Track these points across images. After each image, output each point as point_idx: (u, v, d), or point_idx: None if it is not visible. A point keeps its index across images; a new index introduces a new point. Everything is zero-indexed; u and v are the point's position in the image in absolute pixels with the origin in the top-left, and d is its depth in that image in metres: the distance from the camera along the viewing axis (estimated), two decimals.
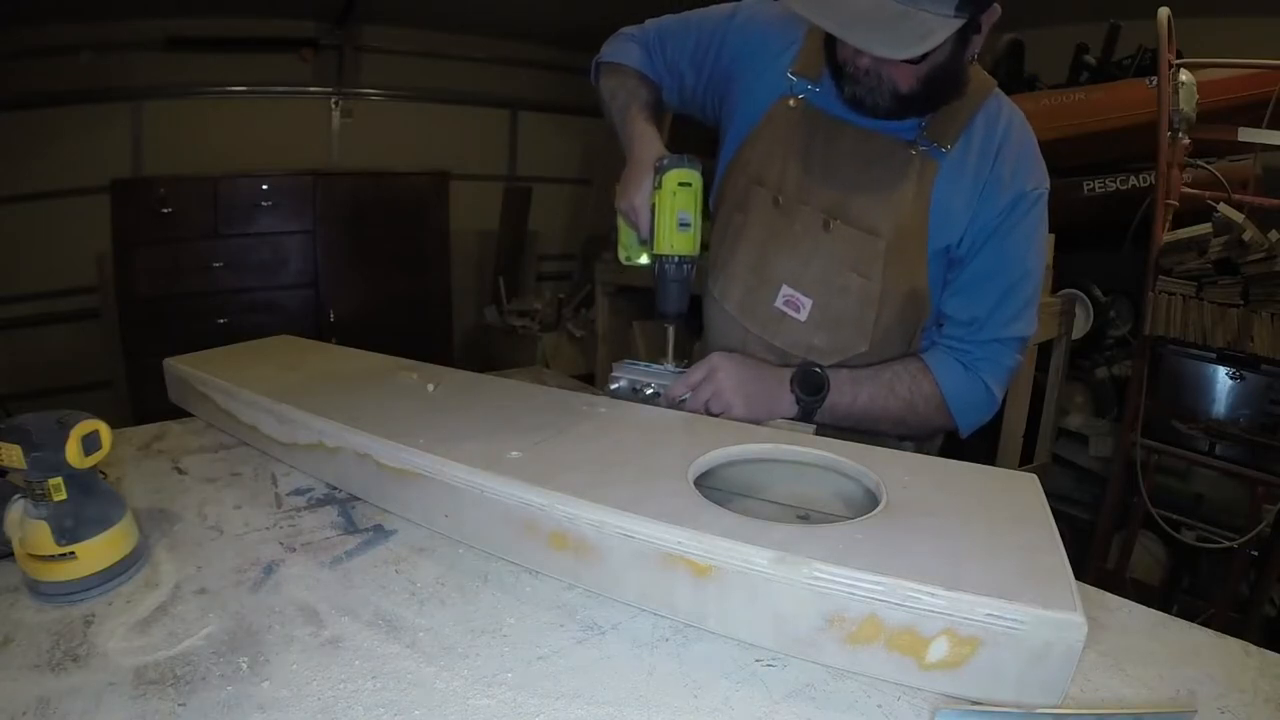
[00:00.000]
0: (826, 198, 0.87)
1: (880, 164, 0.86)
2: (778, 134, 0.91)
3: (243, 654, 0.50)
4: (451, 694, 0.46)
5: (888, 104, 0.81)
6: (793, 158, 0.89)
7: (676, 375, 0.87)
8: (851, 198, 0.86)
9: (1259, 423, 1.64)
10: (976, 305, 0.87)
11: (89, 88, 3.14)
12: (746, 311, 0.93)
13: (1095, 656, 0.51)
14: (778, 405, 0.85)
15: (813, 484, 0.68)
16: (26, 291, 3.17)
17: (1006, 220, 0.84)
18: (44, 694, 0.45)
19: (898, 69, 0.78)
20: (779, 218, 0.90)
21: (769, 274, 0.91)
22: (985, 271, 0.86)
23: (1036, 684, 0.43)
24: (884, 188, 0.85)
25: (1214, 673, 0.50)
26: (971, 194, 0.84)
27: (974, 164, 0.85)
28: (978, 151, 0.85)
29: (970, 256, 0.86)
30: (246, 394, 0.85)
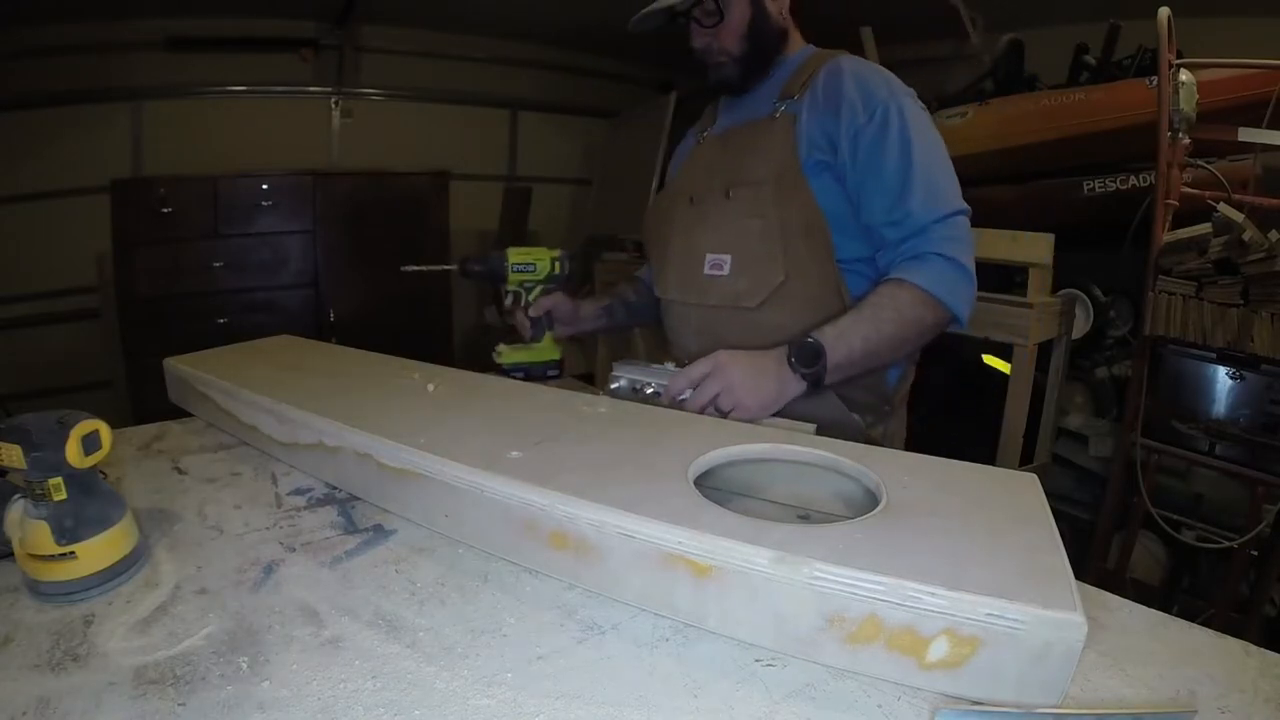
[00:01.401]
0: (721, 180, 1.05)
1: (753, 138, 1.04)
2: (687, 164, 1.16)
3: (243, 654, 0.50)
4: (451, 694, 0.46)
5: (735, 71, 1.05)
6: (697, 171, 1.12)
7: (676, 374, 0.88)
8: (740, 170, 1.03)
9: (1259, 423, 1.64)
10: (886, 203, 0.95)
11: (89, 88, 3.14)
12: (684, 289, 1.08)
13: (1095, 656, 0.51)
14: (786, 387, 0.87)
15: (813, 484, 0.68)
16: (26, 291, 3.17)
17: (871, 126, 0.95)
18: (44, 694, 0.45)
19: (722, 35, 1.02)
20: (693, 211, 1.08)
21: (694, 252, 1.07)
22: (875, 171, 0.95)
23: (1036, 684, 0.43)
24: (760, 151, 1.01)
25: (1214, 673, 0.50)
26: (827, 119, 0.97)
27: (822, 99, 0.99)
28: (823, 90, 0.99)
29: (855, 165, 0.96)
30: (246, 394, 0.85)
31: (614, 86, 4.51)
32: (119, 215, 2.92)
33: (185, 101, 3.41)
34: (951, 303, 0.92)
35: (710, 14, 1.00)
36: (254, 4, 3.28)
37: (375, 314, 3.37)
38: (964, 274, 0.93)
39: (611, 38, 4.04)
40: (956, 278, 0.93)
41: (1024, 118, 2.46)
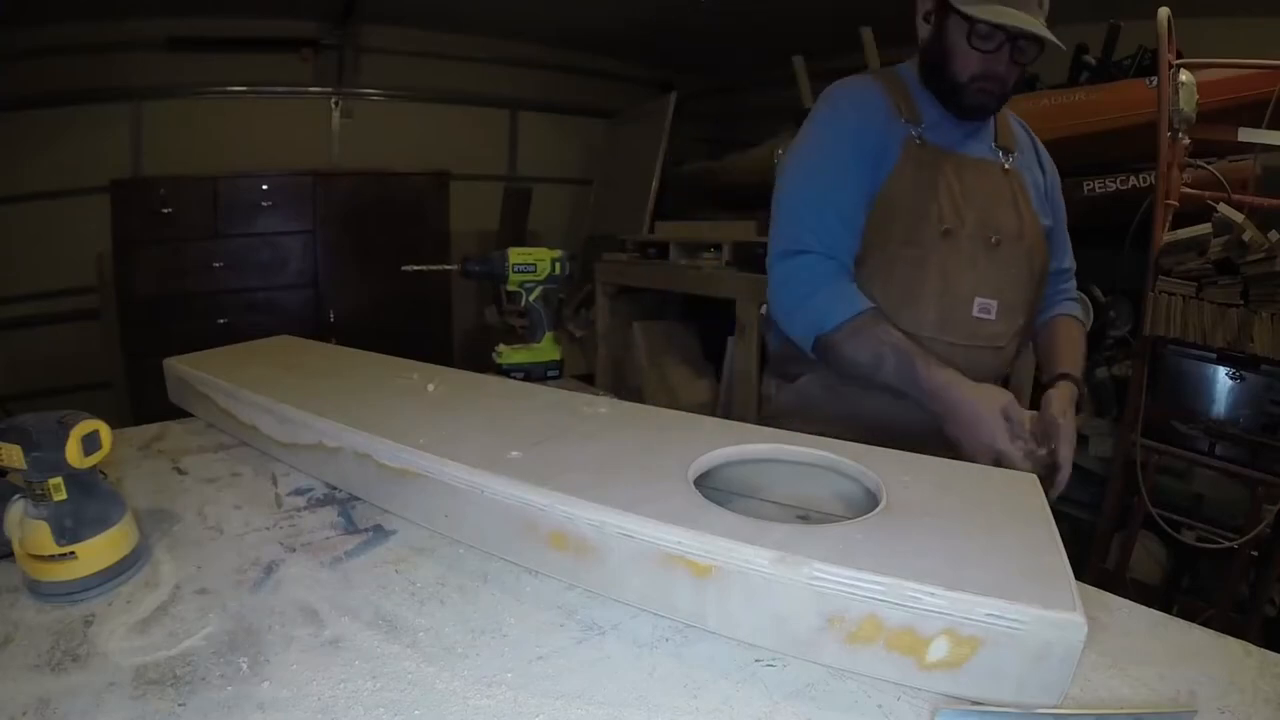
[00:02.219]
0: (977, 219, 1.02)
1: (993, 182, 1.05)
2: (913, 173, 1.01)
3: (243, 654, 0.50)
4: (451, 694, 0.46)
5: (995, 105, 1.03)
6: (938, 193, 1.01)
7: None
8: (995, 216, 1.03)
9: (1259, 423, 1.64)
10: (1066, 257, 1.15)
11: (89, 88, 3.15)
12: (947, 328, 1.02)
13: (1095, 656, 0.51)
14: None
15: (813, 484, 0.68)
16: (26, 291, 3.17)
17: (1055, 185, 1.11)
18: (44, 694, 0.45)
19: (1015, 73, 1.00)
20: (949, 245, 1.00)
21: (960, 291, 1.02)
22: (1061, 230, 1.12)
23: (1036, 684, 0.43)
24: (1006, 205, 1.04)
25: (1214, 673, 0.50)
26: (1036, 173, 1.10)
27: (1028, 157, 1.10)
28: (1027, 146, 1.12)
29: (1055, 221, 1.11)
30: (246, 394, 0.85)
31: (614, 86, 4.51)
32: (119, 215, 2.92)
33: (185, 101, 3.41)
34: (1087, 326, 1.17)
35: (1032, 56, 0.99)
36: (254, 4, 3.29)
37: (375, 314, 3.37)
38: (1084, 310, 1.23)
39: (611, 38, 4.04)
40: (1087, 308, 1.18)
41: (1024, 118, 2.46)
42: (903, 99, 1.04)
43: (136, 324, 2.98)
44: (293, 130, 3.64)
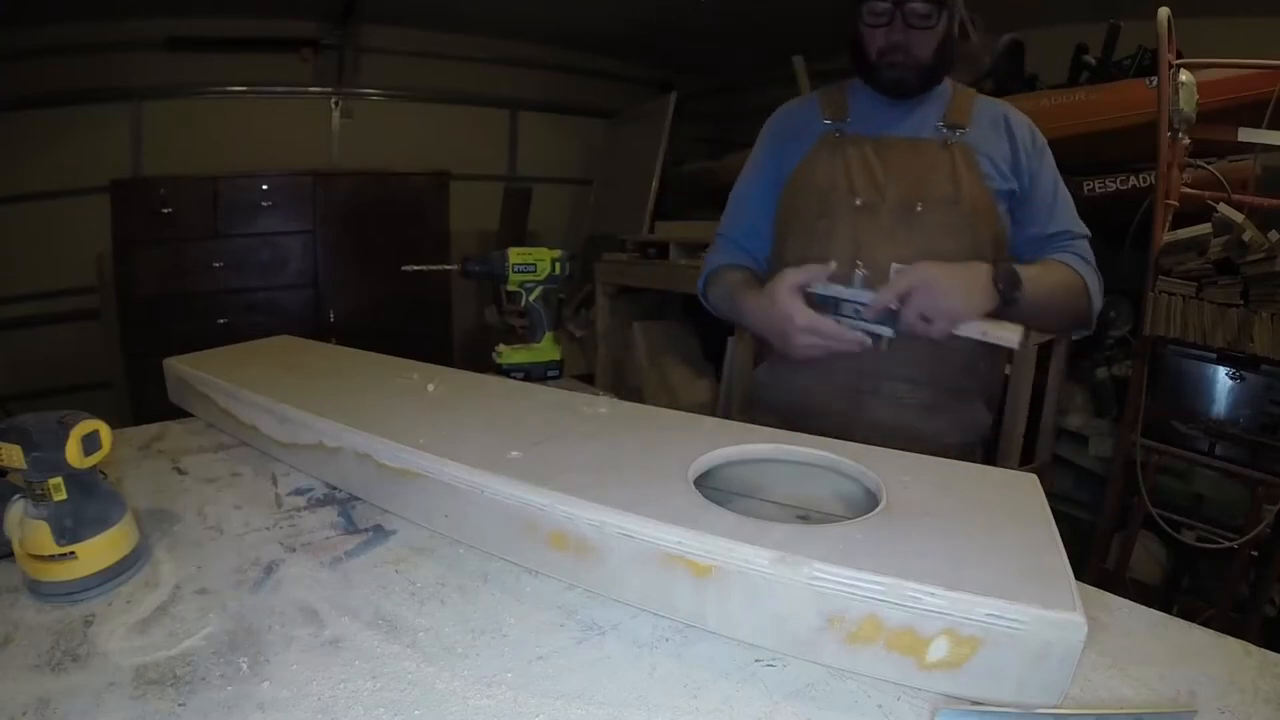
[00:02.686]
0: (902, 191, 1.03)
1: (931, 159, 1.04)
2: (831, 155, 1.09)
3: (243, 654, 0.50)
4: (451, 694, 0.46)
5: (916, 77, 1.04)
6: (855, 169, 1.06)
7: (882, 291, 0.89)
8: (925, 186, 1.03)
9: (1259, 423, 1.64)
10: (1056, 221, 1.07)
11: (89, 88, 3.15)
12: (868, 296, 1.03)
13: (1095, 656, 0.51)
14: (987, 299, 0.90)
15: (813, 484, 0.68)
16: (26, 291, 3.17)
17: (1036, 156, 1.07)
18: (44, 694, 0.45)
19: (924, 40, 1.01)
20: (864, 216, 1.04)
21: (872, 262, 1.00)
22: (1045, 196, 1.07)
23: (1036, 684, 0.43)
24: (944, 175, 1.03)
25: (1214, 673, 0.50)
26: (1003, 148, 1.06)
27: (991, 132, 1.06)
28: (989, 124, 1.07)
29: (1031, 189, 1.07)
30: (246, 394, 0.85)
31: (614, 86, 4.51)
32: (119, 215, 2.92)
33: (185, 101, 3.41)
34: (1095, 300, 1.03)
35: (924, 17, 1.00)
36: (254, 4, 3.29)
37: (375, 314, 3.37)
38: (1100, 282, 1.05)
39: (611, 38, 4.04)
40: (1099, 282, 1.04)
41: None
42: (834, 103, 1.13)
43: (136, 324, 2.98)
44: (293, 130, 3.64)
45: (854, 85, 1.14)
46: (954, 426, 1.05)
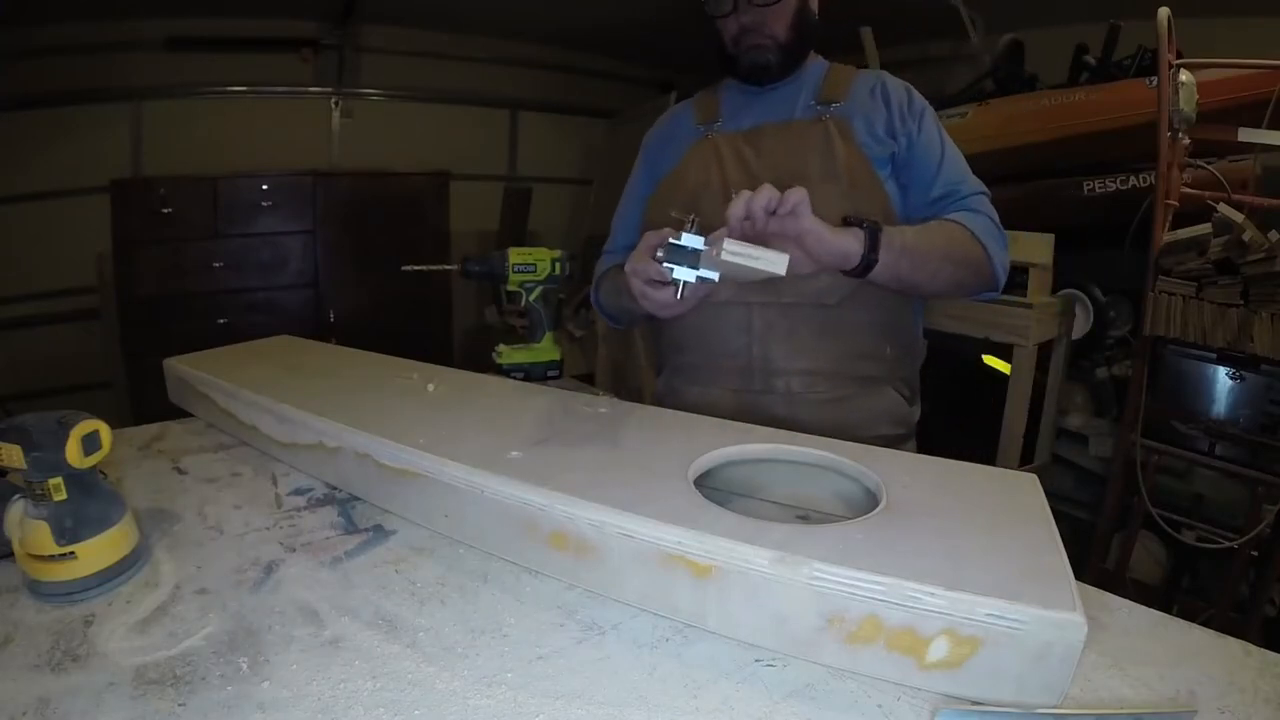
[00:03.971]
0: (776, 175, 0.93)
1: (806, 139, 1.00)
2: (703, 158, 1.06)
3: (243, 654, 0.50)
4: (451, 694, 0.46)
5: (776, 58, 1.01)
6: (729, 165, 1.03)
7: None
8: (800, 169, 0.98)
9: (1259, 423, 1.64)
10: (943, 180, 1.00)
11: (89, 88, 3.15)
12: (755, 289, 0.98)
13: (1095, 656, 0.51)
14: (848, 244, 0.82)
15: (813, 484, 0.68)
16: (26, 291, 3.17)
17: (914, 120, 1.01)
18: (44, 694, 0.45)
19: (775, 18, 0.99)
20: None
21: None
22: (928, 157, 1.01)
23: (1036, 684, 0.43)
24: (819, 151, 0.99)
25: (1214, 673, 0.50)
26: (880, 113, 1.01)
27: (868, 101, 1.02)
28: (865, 93, 1.03)
29: (911, 151, 1.01)
30: (246, 394, 0.85)
31: (614, 86, 4.51)
32: (119, 215, 2.92)
33: (185, 101, 3.41)
34: (994, 255, 0.96)
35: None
36: (254, 4, 3.29)
37: (375, 314, 3.37)
38: (1003, 237, 0.99)
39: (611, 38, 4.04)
40: (999, 237, 0.98)
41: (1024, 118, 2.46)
42: (706, 106, 1.12)
43: (136, 324, 2.98)
44: (293, 130, 3.64)
45: (726, 85, 1.12)
46: (866, 418, 0.99)
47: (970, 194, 1.00)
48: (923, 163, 1.00)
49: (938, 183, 1.00)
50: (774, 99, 1.05)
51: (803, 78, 1.06)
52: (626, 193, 1.20)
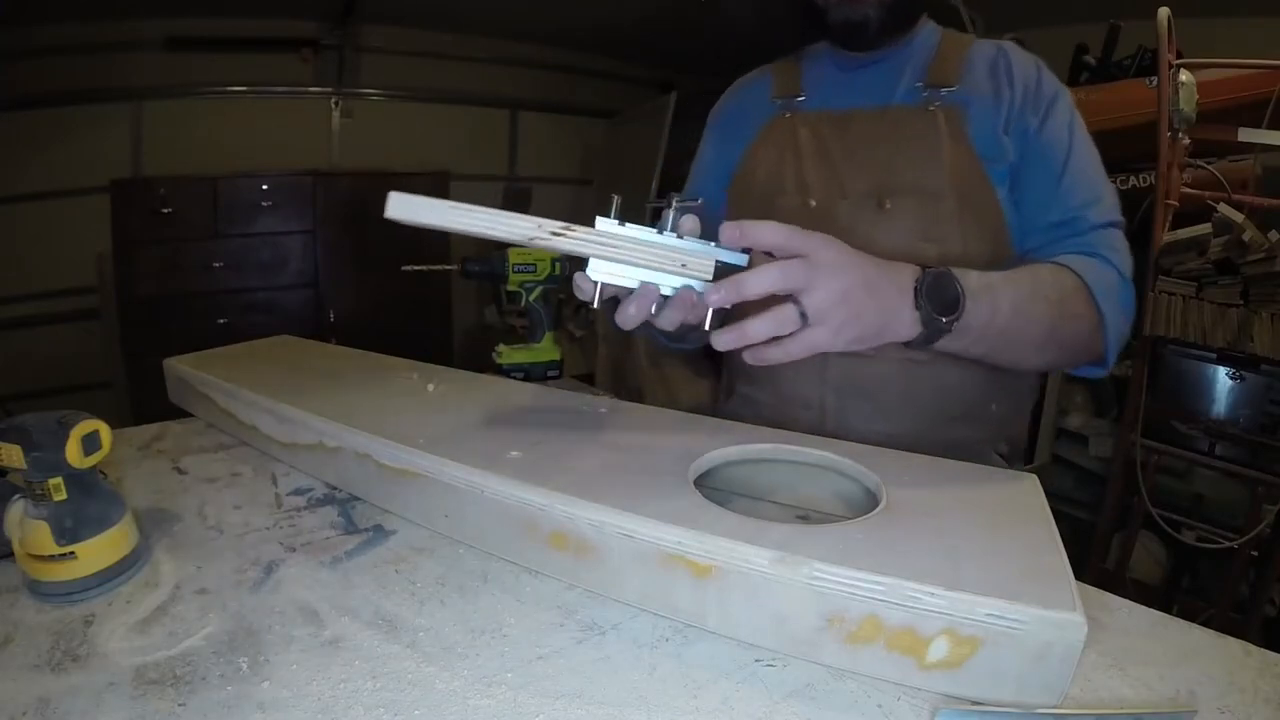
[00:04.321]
0: (866, 183, 0.81)
1: (905, 132, 0.80)
2: (779, 144, 0.88)
3: (243, 654, 0.50)
4: (451, 694, 0.46)
5: (876, 15, 0.80)
6: (808, 160, 0.85)
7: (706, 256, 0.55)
8: (894, 174, 0.80)
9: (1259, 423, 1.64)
10: (1064, 200, 0.77)
11: (89, 88, 3.14)
12: None
13: (1095, 656, 0.51)
14: (892, 324, 0.58)
15: (813, 484, 0.68)
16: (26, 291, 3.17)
17: (1037, 107, 0.79)
18: (44, 694, 0.45)
19: None
20: (817, 221, 0.75)
21: None
22: (1049, 161, 0.77)
23: (1036, 684, 0.43)
24: (922, 152, 0.79)
25: (1214, 673, 0.50)
26: (1005, 102, 0.79)
27: (987, 81, 0.80)
28: (985, 75, 0.81)
29: (1030, 156, 0.79)
30: (246, 394, 0.85)
31: (614, 86, 4.51)
32: (119, 215, 2.92)
33: (185, 101, 3.40)
34: (1110, 327, 0.72)
35: None
36: (254, 4, 3.28)
37: (375, 314, 3.37)
38: (1126, 291, 0.74)
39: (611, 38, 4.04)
40: (1123, 296, 0.74)
41: None
42: (786, 76, 0.92)
43: (136, 324, 2.98)
44: (293, 130, 3.64)
45: (811, 52, 0.93)
46: None
47: (1099, 225, 0.76)
48: (1040, 172, 0.78)
49: (1057, 203, 0.77)
50: (870, 76, 0.85)
51: (909, 49, 0.85)
52: (691, 186, 1.00)
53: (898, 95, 0.83)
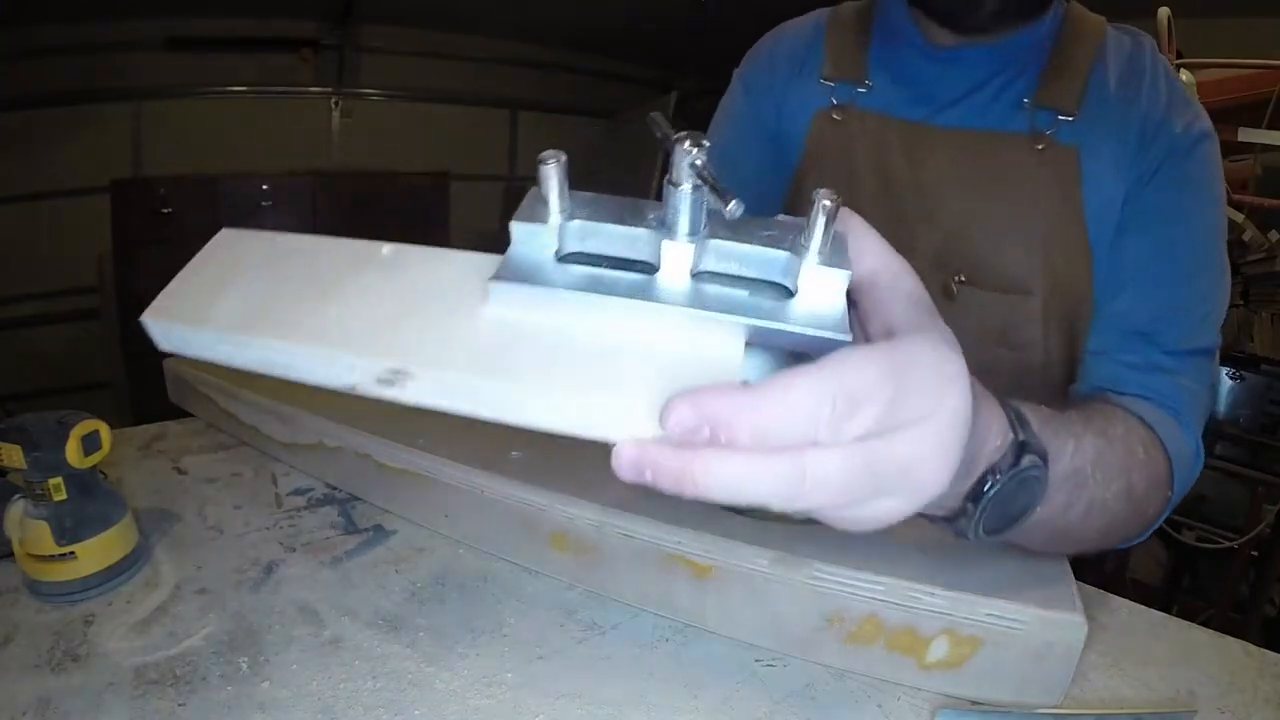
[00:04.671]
0: (934, 243, 0.59)
1: (998, 179, 0.58)
2: (827, 165, 0.65)
3: (243, 654, 0.50)
4: (451, 694, 0.46)
5: None
6: (862, 192, 0.62)
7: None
8: (970, 241, 0.58)
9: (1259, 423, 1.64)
10: (1143, 308, 0.55)
11: (89, 88, 3.14)
12: None
13: (1095, 656, 0.51)
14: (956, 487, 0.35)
15: None
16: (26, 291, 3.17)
17: (1159, 178, 0.55)
18: (44, 694, 0.45)
19: None
20: None
21: None
22: (1146, 255, 0.55)
23: (1036, 684, 0.43)
24: (1017, 217, 0.57)
25: (1214, 673, 0.50)
26: (1121, 160, 0.56)
27: (1116, 110, 0.57)
28: (1115, 91, 0.57)
29: (1125, 238, 0.56)
30: (247, 394, 0.85)
31: (614, 86, 4.51)
32: (119, 215, 2.92)
33: (185, 101, 3.40)
34: (1176, 492, 0.53)
35: None
36: (254, 4, 3.29)
37: None
38: (1198, 464, 0.55)
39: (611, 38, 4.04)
40: (1193, 465, 0.55)
41: None
42: (844, 55, 0.65)
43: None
44: (293, 130, 3.64)
45: (883, 11, 0.65)
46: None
47: (1196, 351, 0.55)
48: (1142, 248, 0.55)
49: (1153, 303, 0.55)
50: (963, 72, 0.60)
51: (1030, 36, 0.59)
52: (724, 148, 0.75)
53: (996, 112, 0.59)
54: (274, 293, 0.31)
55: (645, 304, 0.27)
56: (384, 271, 0.32)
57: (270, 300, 0.30)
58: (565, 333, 0.28)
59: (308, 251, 0.33)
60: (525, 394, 0.28)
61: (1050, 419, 0.40)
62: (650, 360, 0.27)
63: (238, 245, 0.34)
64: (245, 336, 0.30)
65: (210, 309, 0.31)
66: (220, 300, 0.31)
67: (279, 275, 0.32)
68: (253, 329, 0.30)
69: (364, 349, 0.29)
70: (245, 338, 0.30)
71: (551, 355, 0.28)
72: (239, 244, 0.35)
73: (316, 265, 0.32)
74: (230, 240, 0.36)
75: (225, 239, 0.36)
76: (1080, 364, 0.59)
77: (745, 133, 0.72)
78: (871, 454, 0.26)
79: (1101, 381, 0.55)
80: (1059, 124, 0.56)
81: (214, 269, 0.33)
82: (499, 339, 0.29)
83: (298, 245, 0.34)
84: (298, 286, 0.31)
